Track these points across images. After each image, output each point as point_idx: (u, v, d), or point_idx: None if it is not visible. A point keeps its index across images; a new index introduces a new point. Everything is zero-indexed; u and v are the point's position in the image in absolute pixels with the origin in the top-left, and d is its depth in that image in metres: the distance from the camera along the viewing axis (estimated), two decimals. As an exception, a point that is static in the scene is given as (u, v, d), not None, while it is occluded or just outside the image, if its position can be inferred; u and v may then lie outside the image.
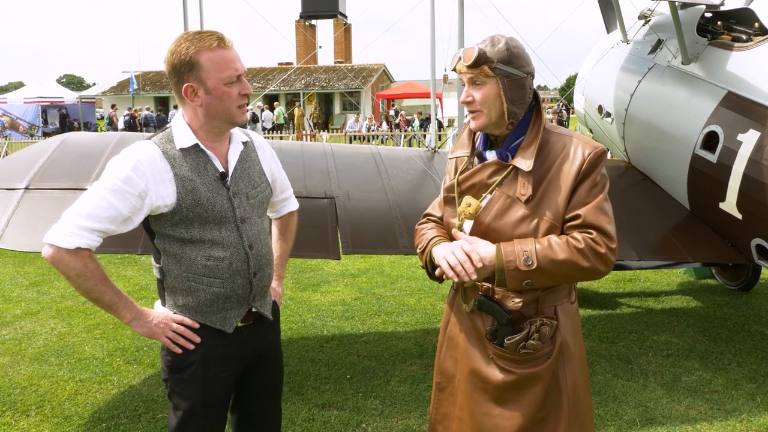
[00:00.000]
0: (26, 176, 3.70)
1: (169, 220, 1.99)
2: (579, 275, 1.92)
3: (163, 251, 2.04)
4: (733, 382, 4.07)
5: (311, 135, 23.13)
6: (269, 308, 2.23)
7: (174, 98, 2.12)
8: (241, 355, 2.15)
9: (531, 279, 1.87)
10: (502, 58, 1.91)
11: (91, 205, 1.92)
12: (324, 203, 4.11)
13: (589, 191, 1.91)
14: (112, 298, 2.00)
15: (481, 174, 2.02)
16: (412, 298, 5.95)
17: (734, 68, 4.23)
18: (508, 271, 1.87)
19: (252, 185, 2.14)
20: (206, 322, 2.07)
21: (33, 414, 3.77)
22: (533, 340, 1.93)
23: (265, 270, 2.16)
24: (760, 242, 3.92)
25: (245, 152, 2.16)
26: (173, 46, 1.98)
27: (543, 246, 1.87)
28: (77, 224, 1.91)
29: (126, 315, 2.02)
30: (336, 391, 4.01)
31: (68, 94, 32.22)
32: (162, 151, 1.99)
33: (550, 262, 1.85)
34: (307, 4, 38.53)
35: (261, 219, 2.19)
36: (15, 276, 6.93)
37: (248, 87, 2.04)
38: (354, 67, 36.13)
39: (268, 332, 2.24)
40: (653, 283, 6.37)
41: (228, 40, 2.00)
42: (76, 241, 1.90)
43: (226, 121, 2.05)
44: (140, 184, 1.93)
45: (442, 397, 2.19)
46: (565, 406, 1.98)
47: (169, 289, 2.08)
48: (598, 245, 1.87)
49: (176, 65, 1.97)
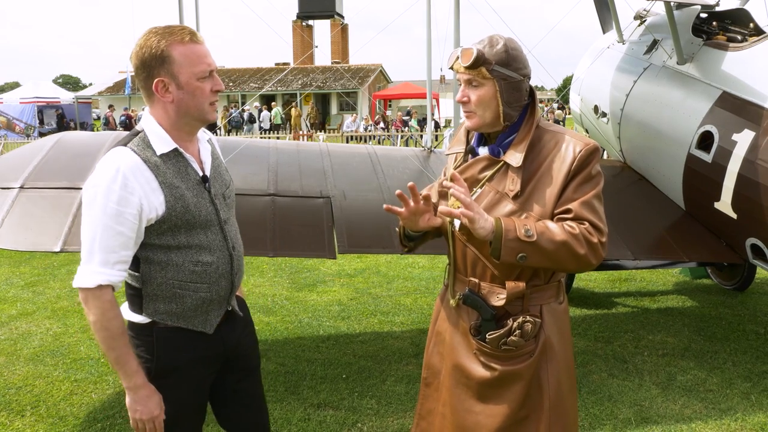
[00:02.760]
0: (21, 175, 3.69)
1: (155, 229, 1.92)
2: (571, 262, 1.88)
3: (144, 259, 1.95)
4: (728, 381, 4.08)
5: (308, 135, 23.12)
6: (237, 305, 2.22)
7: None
8: (220, 354, 2.13)
9: (526, 253, 1.83)
10: (500, 60, 1.91)
11: (98, 237, 1.85)
12: (320, 203, 4.11)
13: (580, 187, 1.90)
14: (119, 358, 1.92)
15: (473, 169, 2.03)
16: (408, 298, 5.95)
17: (729, 68, 4.24)
18: (506, 240, 1.82)
19: (225, 185, 2.11)
20: (188, 326, 2.02)
21: (28, 414, 3.76)
22: (515, 337, 1.93)
23: (242, 269, 2.16)
24: (755, 242, 3.94)
25: (213, 151, 2.12)
26: (142, 40, 1.90)
27: (541, 225, 1.86)
28: (94, 261, 1.86)
29: (124, 381, 1.96)
30: (332, 390, 4.00)
31: (64, 94, 32.15)
32: (143, 159, 1.89)
33: (549, 241, 1.83)
34: (304, 4, 38.51)
35: (235, 219, 2.18)
36: (10, 276, 6.92)
37: (220, 83, 1.98)
38: (351, 68, 36.13)
39: (238, 325, 2.20)
40: (649, 283, 6.38)
41: (199, 36, 1.94)
42: (98, 279, 1.86)
43: (197, 119, 1.98)
44: (134, 201, 1.86)
45: (427, 393, 2.20)
46: (546, 405, 1.97)
47: (148, 297, 1.98)
48: (591, 235, 1.86)
49: (146, 59, 1.89)
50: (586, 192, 1.90)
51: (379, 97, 32.28)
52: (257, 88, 31.60)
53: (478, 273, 2.01)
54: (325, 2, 38.22)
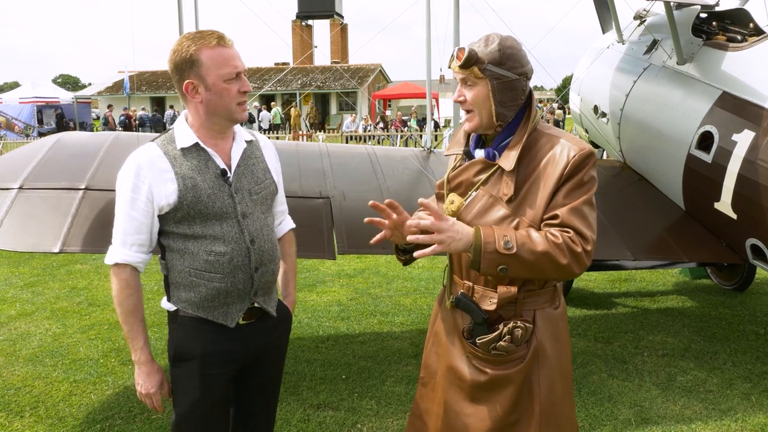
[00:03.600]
0: (20, 176, 3.68)
1: (172, 217, 2.05)
2: (554, 271, 1.85)
3: (167, 247, 2.11)
4: (728, 382, 4.08)
5: (308, 135, 23.12)
6: (273, 305, 2.23)
7: (170, 98, 2.14)
8: (242, 353, 2.15)
9: (506, 265, 1.82)
10: (493, 60, 1.91)
11: (119, 221, 2.07)
12: (319, 203, 4.10)
13: (571, 193, 1.88)
14: (129, 332, 2.11)
15: (468, 172, 2.03)
16: (407, 299, 5.95)
17: (729, 68, 4.24)
18: (485, 253, 1.80)
19: (255, 181, 2.17)
20: (208, 317, 2.10)
21: (27, 415, 3.76)
22: (504, 342, 1.92)
23: (268, 265, 2.17)
24: (754, 242, 3.93)
25: (249, 150, 2.19)
26: (175, 46, 2.05)
27: (522, 235, 1.84)
28: (116, 242, 2.08)
29: (132, 355, 2.15)
30: (331, 391, 4.00)
31: (64, 94, 32.15)
32: (163, 152, 2.06)
33: (529, 252, 1.81)
34: (304, 4, 38.53)
35: (264, 215, 2.20)
36: (9, 276, 6.91)
37: (248, 84, 2.09)
38: (350, 68, 36.14)
39: (272, 331, 2.24)
40: (649, 283, 6.38)
41: (228, 39, 2.05)
42: (116, 257, 2.07)
43: (225, 118, 2.08)
44: (144, 188, 2.01)
45: (424, 392, 2.20)
46: (536, 410, 1.96)
47: (173, 285, 2.12)
48: (575, 244, 1.83)
49: (178, 63, 2.03)
50: (576, 198, 1.87)
51: (379, 96, 32.27)
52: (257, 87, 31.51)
53: (473, 276, 2.00)
54: (325, 2, 38.24)
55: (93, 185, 3.66)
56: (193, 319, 2.10)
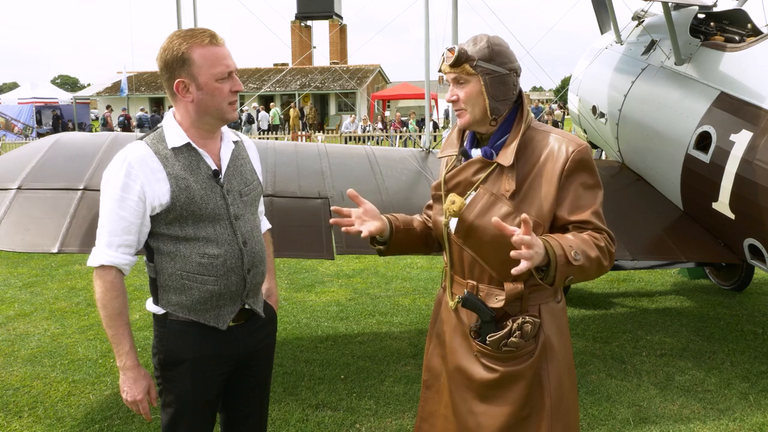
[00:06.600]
0: (19, 176, 3.68)
1: (163, 219, 2.00)
2: (596, 273, 1.88)
3: (156, 250, 2.05)
4: (726, 382, 4.08)
5: (306, 136, 23.11)
6: (261, 306, 2.23)
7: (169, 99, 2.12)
8: (233, 354, 2.15)
9: (573, 275, 1.82)
10: (483, 56, 1.94)
11: (105, 221, 2.00)
12: (318, 203, 4.10)
13: (587, 192, 1.92)
14: (114, 337, 2.04)
15: (466, 172, 2.03)
16: (406, 299, 5.95)
17: (727, 69, 4.24)
18: (560, 266, 1.77)
19: (244, 183, 2.15)
20: (199, 320, 2.07)
21: (25, 415, 3.76)
22: (515, 338, 1.93)
23: (258, 267, 2.16)
24: (752, 242, 3.94)
25: (237, 151, 2.17)
26: (165, 43, 2.00)
27: (577, 243, 1.82)
28: (101, 243, 2.01)
29: (117, 360, 2.06)
30: (330, 391, 4.00)
31: (62, 94, 32.09)
32: (153, 151, 2.00)
33: (587, 258, 1.81)
34: (303, 4, 38.51)
35: (254, 216, 2.20)
36: (8, 277, 6.91)
37: (239, 84, 2.05)
38: (349, 68, 36.14)
39: (260, 331, 2.23)
40: (647, 283, 6.39)
41: (220, 38, 2.02)
42: (101, 259, 2.00)
43: (216, 118, 2.05)
44: (136, 188, 1.96)
45: (428, 395, 2.20)
46: (547, 404, 1.98)
47: (162, 288, 2.07)
48: (611, 245, 1.90)
49: (168, 61, 1.98)
50: (594, 199, 1.93)
51: (378, 97, 32.25)
52: (255, 88, 31.53)
53: (476, 275, 2.01)
54: (324, 3, 38.22)
55: (92, 186, 3.66)
56: (184, 323, 2.07)
